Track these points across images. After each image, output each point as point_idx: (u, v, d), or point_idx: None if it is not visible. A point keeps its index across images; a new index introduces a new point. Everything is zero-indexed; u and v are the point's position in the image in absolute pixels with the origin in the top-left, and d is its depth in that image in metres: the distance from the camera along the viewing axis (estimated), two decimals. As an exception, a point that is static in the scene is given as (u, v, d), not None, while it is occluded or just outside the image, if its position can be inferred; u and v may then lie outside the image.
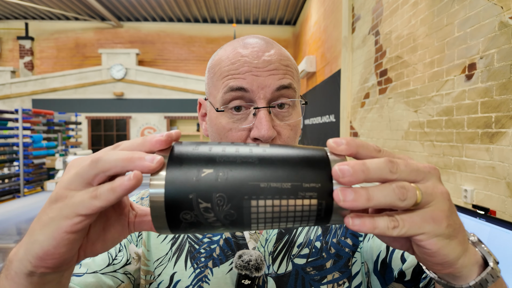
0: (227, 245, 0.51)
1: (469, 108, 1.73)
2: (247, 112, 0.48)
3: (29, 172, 4.42)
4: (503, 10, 1.48)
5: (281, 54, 0.50)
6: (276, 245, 0.50)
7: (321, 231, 0.53)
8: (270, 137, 0.46)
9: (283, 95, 0.48)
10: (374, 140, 3.04)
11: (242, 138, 0.48)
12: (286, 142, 0.49)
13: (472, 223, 1.44)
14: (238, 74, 0.47)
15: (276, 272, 0.49)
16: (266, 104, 0.47)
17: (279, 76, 0.48)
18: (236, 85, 0.47)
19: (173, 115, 8.05)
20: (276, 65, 0.48)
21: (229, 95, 0.47)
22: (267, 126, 0.45)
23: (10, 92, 7.72)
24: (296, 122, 0.51)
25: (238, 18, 8.59)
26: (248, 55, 0.48)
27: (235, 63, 0.48)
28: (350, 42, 3.73)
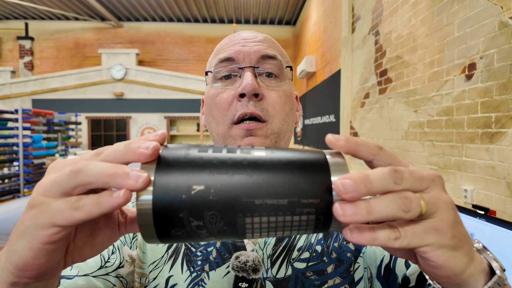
0: (224, 248, 0.49)
1: (469, 108, 1.73)
2: (234, 79, 0.51)
3: (29, 172, 4.42)
4: (503, 10, 1.48)
5: (270, 38, 0.55)
6: (275, 248, 0.49)
7: (322, 234, 0.52)
8: (253, 90, 0.47)
9: (269, 63, 0.51)
10: (374, 140, 3.04)
11: (228, 100, 0.49)
12: (275, 109, 0.50)
13: (472, 223, 1.44)
14: (228, 47, 0.52)
15: (275, 276, 0.47)
16: (252, 65, 0.50)
17: (264, 46, 0.51)
18: (224, 56, 0.51)
19: (173, 115, 8.05)
20: (261, 38, 0.53)
21: (218, 67, 0.51)
22: (251, 79, 0.47)
23: (10, 92, 7.72)
24: (286, 90, 0.52)
25: (238, 18, 8.59)
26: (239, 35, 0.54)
27: (226, 41, 0.54)
28: (350, 42, 3.73)
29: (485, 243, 1.34)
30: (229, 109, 0.49)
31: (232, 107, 0.49)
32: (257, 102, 0.49)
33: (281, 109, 0.50)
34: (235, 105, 0.49)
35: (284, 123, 0.51)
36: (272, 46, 0.53)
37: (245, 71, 0.49)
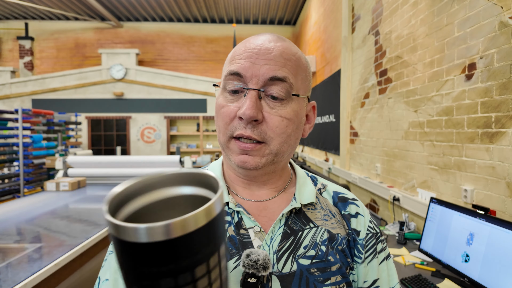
0: (231, 243, 0.51)
1: (469, 108, 1.73)
2: (241, 95, 0.51)
3: (29, 172, 4.42)
4: (503, 10, 1.48)
5: (287, 48, 0.52)
6: (281, 244, 0.51)
7: (327, 236, 0.53)
8: (250, 116, 0.47)
9: (276, 86, 0.49)
10: (374, 140, 3.04)
11: (230, 116, 0.50)
12: (275, 132, 0.50)
13: (472, 223, 1.44)
14: (239, 59, 0.50)
15: (280, 271, 0.49)
16: (256, 87, 0.49)
17: (275, 68, 0.49)
18: (233, 70, 0.50)
19: (173, 115, 8.05)
20: (275, 55, 0.50)
21: (227, 78, 0.51)
22: (250, 105, 0.47)
23: (10, 92, 7.72)
24: (289, 114, 0.51)
25: (238, 18, 8.59)
26: (255, 43, 0.51)
27: (241, 50, 0.52)
28: (350, 42, 3.73)
29: (485, 243, 1.34)
30: (230, 124, 0.51)
31: (233, 124, 0.50)
32: (256, 126, 0.49)
33: (282, 132, 0.50)
34: (235, 123, 0.50)
35: (285, 144, 0.51)
36: (286, 64, 0.50)
37: (248, 94, 0.49)
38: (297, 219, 0.54)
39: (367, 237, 0.56)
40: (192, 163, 5.04)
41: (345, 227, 0.56)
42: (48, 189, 3.38)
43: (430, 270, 1.64)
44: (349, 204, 0.59)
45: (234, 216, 0.53)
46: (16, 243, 1.79)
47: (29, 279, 1.34)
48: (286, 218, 0.53)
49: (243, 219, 0.53)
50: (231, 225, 0.52)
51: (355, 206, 0.59)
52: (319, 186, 0.62)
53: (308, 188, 0.58)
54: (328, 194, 0.61)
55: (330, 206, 0.58)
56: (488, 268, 1.30)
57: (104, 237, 2.06)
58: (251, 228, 0.52)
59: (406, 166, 2.43)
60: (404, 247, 1.96)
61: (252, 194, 0.56)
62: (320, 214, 0.56)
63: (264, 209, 0.55)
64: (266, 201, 0.56)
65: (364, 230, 0.57)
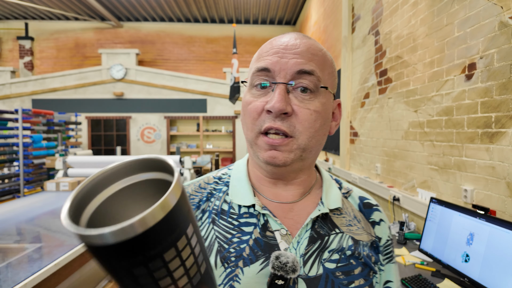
0: (257, 245, 0.51)
1: (469, 108, 1.73)
2: (268, 90, 0.51)
3: (29, 172, 4.42)
4: (503, 10, 1.48)
5: (313, 44, 0.52)
6: (308, 248, 0.51)
7: (352, 242, 0.54)
8: (280, 110, 0.47)
9: (304, 79, 0.49)
10: (374, 140, 3.04)
11: (258, 111, 0.50)
12: (303, 126, 0.49)
13: (472, 223, 1.44)
14: (266, 56, 0.51)
15: (307, 274, 0.49)
16: (284, 81, 0.49)
17: (303, 61, 0.49)
18: (261, 66, 0.51)
19: (173, 115, 8.05)
20: (302, 49, 0.50)
21: (255, 75, 0.52)
22: (279, 98, 0.48)
23: (10, 92, 7.72)
24: (318, 107, 0.50)
25: (238, 18, 8.59)
26: (281, 40, 0.52)
27: (267, 47, 0.53)
28: (350, 42, 3.73)
29: (485, 243, 1.34)
30: (258, 119, 0.51)
31: (261, 118, 0.50)
32: (285, 119, 0.49)
33: (311, 126, 0.50)
34: (263, 117, 0.50)
35: (312, 139, 0.51)
36: (313, 59, 0.51)
37: (277, 88, 0.49)
38: (323, 224, 0.54)
39: (386, 243, 0.58)
40: (192, 163, 5.04)
41: (371, 234, 0.57)
42: (48, 189, 3.37)
43: (430, 270, 1.64)
44: (374, 211, 0.60)
45: (260, 218, 0.53)
46: (16, 243, 1.79)
47: (29, 279, 1.34)
48: (313, 222, 0.54)
49: (269, 221, 0.53)
50: (256, 227, 0.52)
51: (378, 212, 0.60)
52: (344, 190, 0.61)
53: (334, 192, 0.58)
54: (353, 199, 0.60)
55: (355, 212, 0.58)
56: (488, 268, 1.30)
57: (104, 237, 2.06)
58: (277, 230, 0.52)
59: (406, 166, 2.43)
60: (404, 247, 1.96)
61: (277, 195, 0.56)
62: (345, 219, 0.56)
63: (289, 211, 0.55)
64: (292, 203, 0.55)
65: (385, 237, 0.58)
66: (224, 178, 0.60)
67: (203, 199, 0.57)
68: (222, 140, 8.37)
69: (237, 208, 0.54)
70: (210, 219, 0.54)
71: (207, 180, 0.61)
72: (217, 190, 0.58)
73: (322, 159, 5.10)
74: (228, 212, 0.54)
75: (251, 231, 0.52)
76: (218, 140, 8.38)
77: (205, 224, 0.54)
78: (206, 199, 0.57)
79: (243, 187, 0.56)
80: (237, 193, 0.55)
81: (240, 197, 0.55)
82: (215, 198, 0.57)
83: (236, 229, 0.52)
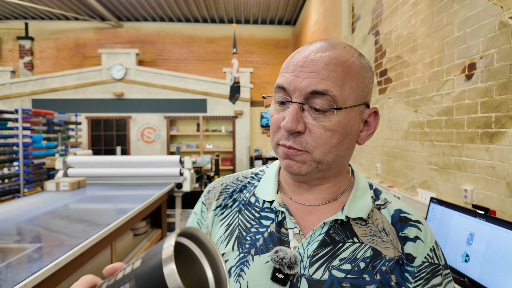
0: (270, 238, 0.54)
1: (469, 108, 1.73)
2: (287, 106, 0.53)
3: (29, 172, 4.42)
4: (503, 10, 1.48)
5: (334, 58, 0.50)
6: (316, 250, 0.52)
7: (370, 253, 0.51)
8: (290, 129, 0.50)
9: (317, 99, 0.50)
10: (374, 140, 3.04)
11: (277, 125, 0.54)
12: (317, 142, 0.50)
13: (472, 223, 1.44)
14: (286, 73, 0.53)
15: (311, 275, 0.50)
16: (299, 101, 0.51)
17: (316, 81, 0.49)
18: (279, 84, 0.53)
19: (173, 115, 8.05)
20: (319, 67, 0.50)
21: (276, 91, 0.54)
22: (290, 118, 0.50)
23: (10, 92, 7.72)
24: (334, 125, 0.50)
25: (238, 18, 8.59)
26: (303, 53, 0.53)
27: (289, 62, 0.54)
28: (350, 42, 3.73)
29: (485, 243, 1.34)
30: (277, 132, 0.54)
31: (279, 132, 0.54)
32: (297, 136, 0.51)
33: (326, 142, 0.50)
34: (280, 132, 0.53)
35: (329, 154, 0.51)
36: (330, 76, 0.49)
37: (290, 107, 0.51)
38: (340, 230, 0.53)
39: (422, 266, 0.51)
40: (192, 163, 5.04)
41: (398, 250, 0.52)
42: (48, 189, 3.38)
43: (430, 270, 1.64)
44: (409, 226, 0.54)
45: (278, 215, 0.56)
46: (16, 243, 1.79)
47: (29, 279, 1.34)
48: (329, 227, 0.53)
49: (286, 219, 0.55)
50: (273, 222, 0.56)
51: (416, 229, 0.54)
52: (380, 202, 0.58)
53: (363, 202, 0.56)
54: (388, 211, 0.56)
55: (385, 224, 0.55)
56: (488, 268, 1.30)
57: (104, 237, 2.06)
58: (291, 229, 0.54)
59: (406, 166, 2.43)
60: (404, 247, 1.96)
61: (301, 197, 0.58)
62: (369, 229, 0.53)
63: (309, 213, 0.56)
64: (314, 206, 0.57)
65: (421, 258, 0.52)
66: (259, 175, 0.66)
67: (237, 190, 0.64)
68: (222, 140, 8.37)
69: (261, 202, 0.59)
70: (238, 208, 0.61)
71: (245, 174, 0.67)
72: (250, 184, 0.64)
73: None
74: (253, 204, 0.60)
75: (268, 224, 0.56)
76: (218, 140, 8.38)
77: (233, 211, 0.61)
78: (239, 190, 0.63)
79: (270, 184, 0.60)
80: (263, 189, 0.60)
81: (265, 192, 0.59)
82: (246, 191, 0.63)
83: (256, 221, 0.57)
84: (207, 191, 0.66)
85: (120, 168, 3.93)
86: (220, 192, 0.64)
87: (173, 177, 3.95)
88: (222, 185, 0.65)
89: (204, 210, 0.64)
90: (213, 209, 0.62)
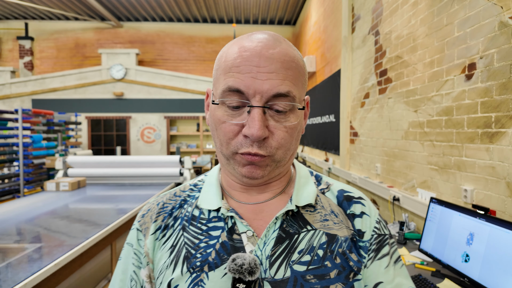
0: (223, 249, 0.50)
1: (469, 108, 1.73)
2: (242, 110, 0.49)
3: (29, 172, 4.42)
4: (503, 10, 1.48)
5: (285, 54, 0.49)
6: (274, 249, 0.50)
7: (325, 239, 0.51)
8: (260, 137, 0.46)
9: (280, 101, 0.48)
10: (374, 140, 3.04)
11: (234, 132, 0.49)
12: (280, 144, 0.49)
13: (472, 223, 1.44)
14: (239, 73, 0.47)
15: (273, 277, 0.48)
16: (261, 105, 0.47)
17: (278, 82, 0.47)
18: (234, 87, 0.47)
19: (173, 115, 8.05)
20: (276, 66, 0.47)
21: (227, 94, 0.48)
22: (258, 125, 0.46)
23: (10, 92, 7.72)
24: (293, 125, 0.50)
25: (238, 18, 8.59)
26: (251, 49, 0.48)
27: (237, 59, 0.48)
28: (350, 42, 3.73)
29: (485, 243, 1.34)
30: (233, 139, 0.49)
31: (237, 140, 0.49)
32: (262, 142, 0.48)
33: (286, 142, 0.50)
34: (240, 140, 0.48)
35: (287, 152, 0.51)
36: (288, 75, 0.48)
37: (253, 112, 0.47)
38: (293, 222, 0.52)
39: (371, 239, 0.53)
40: (192, 163, 5.04)
41: (349, 227, 0.54)
42: (48, 189, 3.38)
43: (430, 270, 1.64)
44: (354, 203, 0.56)
45: (227, 222, 0.52)
46: (16, 243, 1.79)
47: (29, 279, 1.34)
48: (282, 221, 0.52)
49: (236, 224, 0.52)
50: (224, 230, 0.52)
51: (360, 205, 0.56)
52: (323, 186, 0.59)
53: (308, 189, 0.57)
54: (332, 193, 0.58)
55: (333, 206, 0.56)
56: (488, 268, 1.30)
57: (104, 237, 2.06)
58: (244, 233, 0.51)
59: (406, 166, 2.43)
60: (404, 247, 1.96)
61: (249, 197, 0.55)
62: (319, 215, 0.54)
63: (260, 212, 0.54)
64: (263, 203, 0.55)
65: (370, 232, 0.54)
66: (199, 185, 0.60)
67: (176, 206, 0.57)
68: (222, 140, 8.37)
69: (207, 213, 0.54)
70: (181, 226, 0.55)
71: (183, 188, 0.61)
72: (191, 197, 0.58)
73: (322, 159, 5.11)
74: (198, 217, 0.54)
75: (218, 235, 0.52)
76: (218, 140, 8.38)
77: (176, 230, 0.54)
78: (180, 206, 0.57)
79: (213, 191, 0.56)
80: (206, 198, 0.55)
81: (209, 202, 0.55)
82: (188, 205, 0.57)
83: (204, 234, 0.52)
84: (141, 215, 0.59)
85: (120, 168, 3.93)
86: (158, 213, 0.57)
87: (173, 177, 3.95)
88: (158, 205, 0.58)
89: (140, 238, 0.56)
90: (151, 233, 0.55)
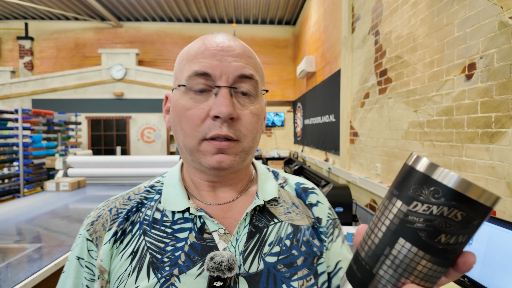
0: (193, 250, 0.49)
1: (469, 108, 1.73)
2: (209, 94, 0.49)
3: (29, 172, 4.42)
4: (503, 10, 1.48)
5: (245, 46, 0.53)
6: (247, 244, 0.51)
7: (291, 229, 0.54)
8: (229, 114, 0.47)
9: (245, 84, 0.50)
10: (374, 140, 3.04)
11: (201, 117, 0.48)
12: (247, 129, 0.50)
13: (472, 223, 1.44)
14: (204, 58, 0.49)
15: (247, 271, 0.49)
16: (228, 85, 0.49)
17: (242, 65, 0.50)
18: (201, 70, 0.48)
19: (173, 115, 8.05)
20: (239, 52, 0.51)
21: (193, 79, 0.49)
22: (227, 103, 0.47)
23: (10, 92, 7.72)
24: (258, 110, 0.52)
25: (238, 18, 8.59)
26: (215, 41, 0.51)
27: (201, 47, 0.51)
28: (350, 42, 3.73)
29: (485, 243, 1.34)
30: (201, 125, 0.49)
31: (205, 125, 0.48)
32: (231, 124, 0.48)
33: (253, 128, 0.51)
34: (208, 123, 0.48)
35: (254, 140, 0.53)
36: (250, 62, 0.51)
37: (221, 92, 0.48)
38: (261, 216, 0.54)
39: (327, 224, 0.58)
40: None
41: (310, 216, 0.58)
42: (48, 189, 3.38)
43: (430, 270, 1.64)
44: (310, 194, 0.61)
45: (196, 222, 0.52)
46: (16, 243, 1.79)
47: (29, 279, 1.34)
48: (251, 216, 0.53)
49: (206, 223, 0.51)
50: (192, 231, 0.51)
51: (315, 195, 0.61)
52: (281, 180, 0.63)
53: (270, 184, 0.59)
54: (290, 186, 0.62)
55: (293, 198, 0.60)
56: (488, 268, 1.30)
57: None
58: (215, 231, 0.51)
59: (406, 166, 2.43)
60: (404, 247, 1.96)
61: (216, 197, 0.55)
62: (283, 208, 0.57)
63: (228, 210, 0.54)
64: (230, 202, 0.55)
65: (325, 218, 0.59)
66: (156, 186, 0.58)
67: (132, 210, 0.54)
68: (222, 140, 8.37)
69: (170, 215, 0.53)
70: (141, 231, 0.52)
71: (137, 191, 0.58)
72: (148, 200, 0.56)
73: (322, 159, 5.11)
74: (160, 220, 0.52)
75: (186, 236, 0.50)
76: (218, 140, 8.39)
77: (135, 236, 0.51)
78: (136, 210, 0.54)
79: (177, 192, 0.54)
80: (170, 200, 0.54)
81: (174, 203, 0.53)
82: (146, 208, 0.55)
83: (169, 237, 0.51)
84: (89, 223, 0.54)
85: (120, 168, 3.93)
86: (112, 220, 0.53)
87: (173, 177, 3.93)
88: (111, 211, 0.54)
89: (92, 248, 0.51)
90: (105, 242, 0.51)
